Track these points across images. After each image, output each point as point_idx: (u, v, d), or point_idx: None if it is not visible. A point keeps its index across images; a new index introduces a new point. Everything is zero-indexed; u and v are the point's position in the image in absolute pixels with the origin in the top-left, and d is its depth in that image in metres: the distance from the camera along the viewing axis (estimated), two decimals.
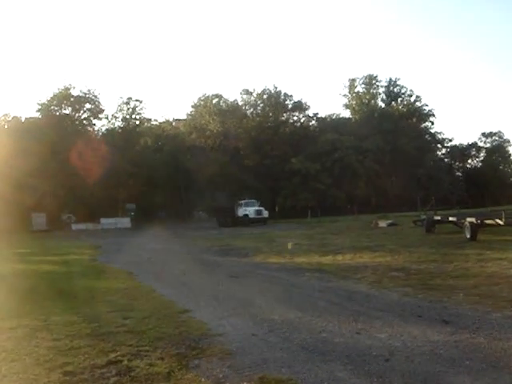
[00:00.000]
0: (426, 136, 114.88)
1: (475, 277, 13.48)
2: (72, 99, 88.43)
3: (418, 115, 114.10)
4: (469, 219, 24.48)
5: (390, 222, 40.82)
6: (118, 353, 7.60)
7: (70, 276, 18.04)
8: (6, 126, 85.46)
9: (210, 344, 7.94)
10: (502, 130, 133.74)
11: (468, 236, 23.95)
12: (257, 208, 63.93)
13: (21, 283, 16.17)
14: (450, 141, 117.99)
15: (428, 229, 29.88)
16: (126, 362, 7.14)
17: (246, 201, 66.78)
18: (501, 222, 23.00)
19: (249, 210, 63.22)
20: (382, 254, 20.79)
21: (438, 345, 7.31)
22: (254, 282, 14.97)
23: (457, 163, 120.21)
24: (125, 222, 74.08)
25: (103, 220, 72.86)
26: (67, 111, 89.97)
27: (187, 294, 13.14)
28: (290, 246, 26.42)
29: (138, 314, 10.51)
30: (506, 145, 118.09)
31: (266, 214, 63.96)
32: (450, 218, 27.99)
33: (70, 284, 15.86)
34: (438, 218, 29.94)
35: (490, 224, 24.04)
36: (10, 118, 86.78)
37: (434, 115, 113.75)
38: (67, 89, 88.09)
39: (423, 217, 32.86)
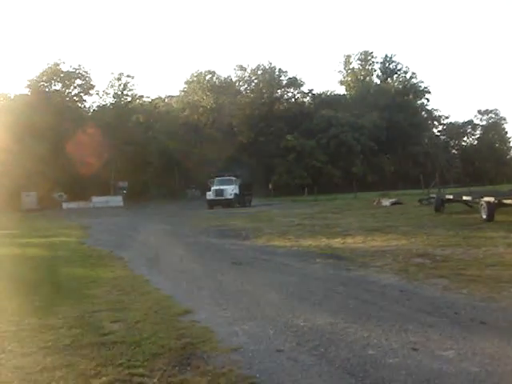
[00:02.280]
0: (422, 113, 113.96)
1: None
2: (62, 75, 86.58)
3: (413, 92, 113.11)
4: (486, 198, 22.68)
5: (393, 200, 39.08)
6: (104, 379, 5.74)
7: (55, 262, 16.19)
8: None
9: (224, 365, 6.01)
10: (498, 108, 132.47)
11: (484, 216, 22.14)
12: (217, 187, 52.32)
13: None
14: (447, 118, 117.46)
15: (437, 208, 28.14)
16: None
17: (220, 178, 54.76)
18: None
19: (212, 189, 52.67)
20: (395, 236, 18.95)
21: None
22: (262, 271, 13.08)
23: (453, 141, 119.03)
24: (117, 200, 72.44)
25: (95, 198, 71.29)
26: (57, 87, 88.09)
27: (187, 288, 11.18)
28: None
29: (130, 316, 8.63)
30: (502, 122, 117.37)
31: (230, 195, 51.62)
32: (464, 197, 26.19)
33: (53, 273, 14.01)
34: (450, 196, 28.20)
35: (509, 204, 22.30)
36: None
37: (429, 92, 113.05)
38: (57, 64, 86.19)
39: (432, 195, 31.18)
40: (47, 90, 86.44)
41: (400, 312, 8.19)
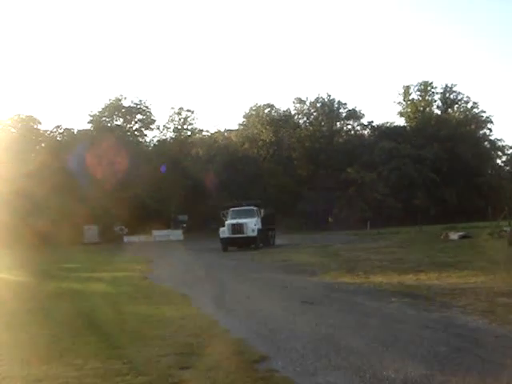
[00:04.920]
0: (485, 143, 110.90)
1: None
2: (123, 110, 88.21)
3: (475, 122, 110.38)
4: None
5: (462, 233, 37.62)
6: None
7: (118, 299, 15.79)
8: (58, 138, 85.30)
9: None
10: None
11: None
12: (233, 221, 39.85)
13: (61, 308, 14.03)
14: (511, 148, 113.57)
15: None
16: None
17: (238, 208, 42.55)
18: None
19: (226, 224, 40.22)
20: (471, 272, 17.83)
21: None
22: (336, 312, 12.21)
23: None
24: (177, 234, 72.63)
25: (155, 232, 71.63)
26: (119, 122, 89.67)
27: (259, 330, 10.38)
28: None
29: (201, 362, 7.95)
30: None
31: (252, 231, 39.12)
32: None
33: (116, 310, 13.54)
34: None
35: None
36: (62, 130, 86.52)
37: (492, 122, 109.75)
38: (118, 100, 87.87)
39: (504, 228, 29.83)
40: (109, 125, 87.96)
41: (503, 363, 7.23)
